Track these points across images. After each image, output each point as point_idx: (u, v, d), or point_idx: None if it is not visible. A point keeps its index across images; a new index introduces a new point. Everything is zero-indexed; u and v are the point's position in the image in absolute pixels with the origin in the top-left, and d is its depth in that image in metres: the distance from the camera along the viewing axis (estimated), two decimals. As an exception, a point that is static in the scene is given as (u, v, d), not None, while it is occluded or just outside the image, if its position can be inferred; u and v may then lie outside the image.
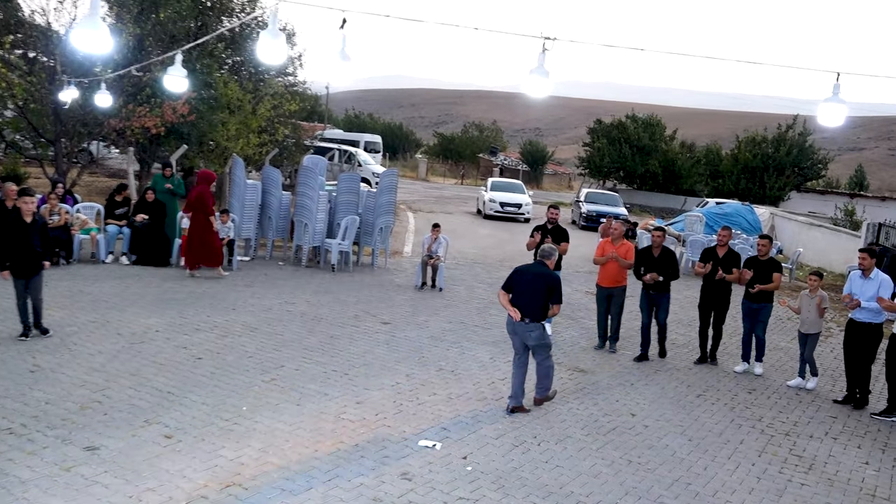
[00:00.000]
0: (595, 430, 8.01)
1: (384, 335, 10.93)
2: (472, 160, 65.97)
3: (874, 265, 9.89)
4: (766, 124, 49.64)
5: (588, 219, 30.24)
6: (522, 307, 8.19)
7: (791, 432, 8.65)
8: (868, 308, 9.73)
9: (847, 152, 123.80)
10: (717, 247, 11.38)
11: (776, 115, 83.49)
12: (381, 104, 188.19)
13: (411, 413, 7.87)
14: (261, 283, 13.69)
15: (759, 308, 10.98)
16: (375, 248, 16.66)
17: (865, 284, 9.84)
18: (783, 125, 44.75)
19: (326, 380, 8.67)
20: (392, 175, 17.04)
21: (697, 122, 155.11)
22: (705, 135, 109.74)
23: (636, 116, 49.30)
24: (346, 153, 36.42)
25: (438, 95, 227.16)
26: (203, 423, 7.08)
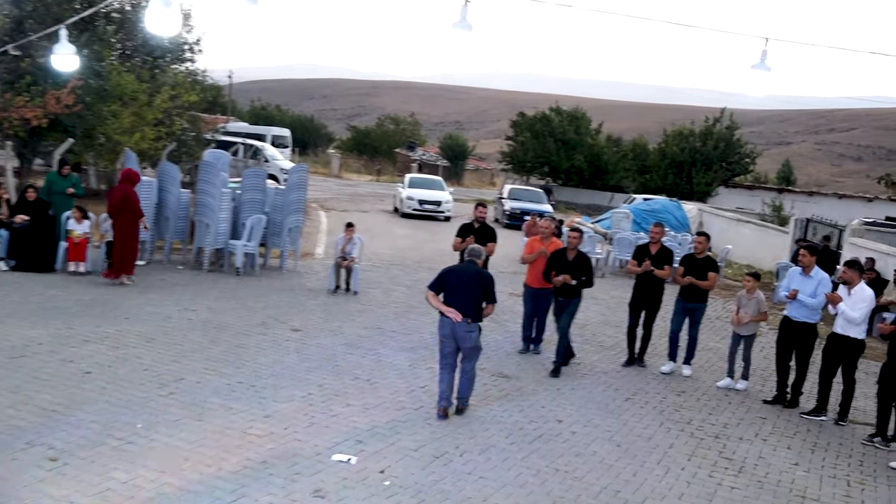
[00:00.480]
0: (520, 437, 8.08)
1: (294, 343, 10.80)
2: (389, 155, 65.95)
3: (814, 262, 10.25)
4: (694, 117, 51.17)
5: (512, 216, 30.56)
6: (461, 308, 8.34)
7: (721, 434, 8.91)
8: (805, 306, 10.09)
9: (774, 146, 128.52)
10: (649, 244, 11.64)
11: (704, 108, 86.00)
12: (290, 95, 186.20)
13: (324, 426, 7.80)
14: (157, 290, 13.36)
15: (695, 308, 11.29)
16: (284, 250, 16.46)
17: (805, 282, 10.20)
18: (710, 118, 46.15)
19: (231, 392, 8.51)
20: (302, 171, 16.87)
21: (624, 115, 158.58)
22: (632, 128, 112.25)
23: (560, 109, 50.14)
24: (251, 148, 35.90)
25: (352, 86, 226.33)
26: (93, 443, 6.86)
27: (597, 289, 17.94)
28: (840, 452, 8.82)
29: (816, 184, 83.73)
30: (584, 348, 12.21)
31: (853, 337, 9.63)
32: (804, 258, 10.25)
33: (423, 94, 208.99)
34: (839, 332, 9.74)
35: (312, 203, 29.86)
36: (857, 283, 9.71)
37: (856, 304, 9.57)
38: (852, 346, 9.68)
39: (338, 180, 51.38)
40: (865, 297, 9.58)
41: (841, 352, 9.77)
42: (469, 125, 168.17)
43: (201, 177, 15.78)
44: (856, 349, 9.70)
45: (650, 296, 11.46)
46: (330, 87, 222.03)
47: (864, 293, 9.62)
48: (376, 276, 16.84)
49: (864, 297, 9.59)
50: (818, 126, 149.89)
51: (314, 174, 46.42)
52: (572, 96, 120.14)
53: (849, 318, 9.58)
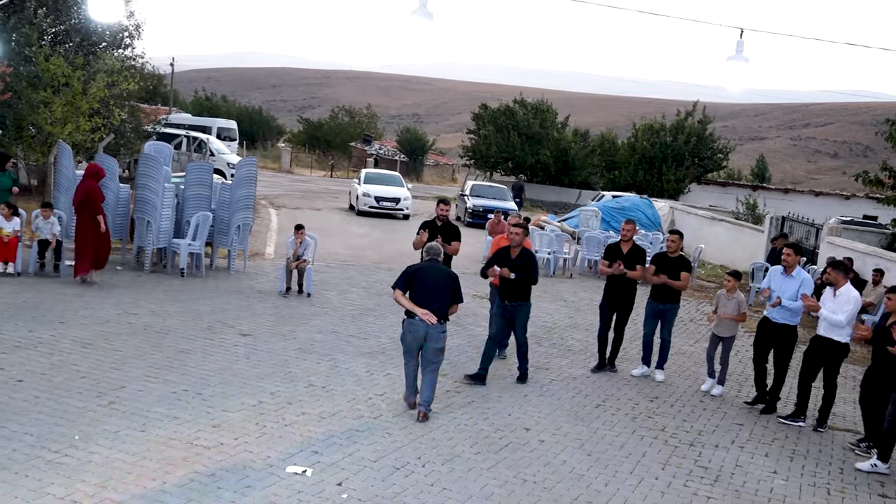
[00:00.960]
0: (486, 447, 8.10)
1: (244, 348, 10.73)
2: (343, 150, 65.74)
3: (797, 262, 10.40)
4: (665, 111, 51.74)
5: (474, 214, 30.65)
6: (433, 309, 8.65)
7: (696, 442, 9.01)
8: (787, 308, 10.25)
9: (748, 142, 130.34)
10: (620, 242, 11.74)
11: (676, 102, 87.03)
12: (237, 85, 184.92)
13: (277, 436, 7.75)
14: (95, 292, 13.18)
15: (667, 309, 11.40)
16: (232, 250, 16.34)
17: (786, 282, 10.34)
18: (682, 111, 46.65)
19: (176, 401, 8.42)
20: (251, 165, 16.75)
21: (591, 108, 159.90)
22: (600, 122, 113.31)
23: (525, 101, 50.33)
24: (195, 140, 35.59)
25: (303, 76, 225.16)
26: (26, 456, 6.74)
27: (565, 290, 18.12)
28: (820, 459, 8.97)
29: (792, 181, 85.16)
30: (551, 352, 12.27)
31: (836, 340, 9.78)
32: (789, 257, 10.38)
33: (380, 85, 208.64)
34: (822, 335, 9.88)
35: (262, 200, 29.68)
36: (842, 284, 9.86)
37: (841, 307, 9.70)
38: (835, 349, 9.82)
39: (289, 176, 51.14)
40: (851, 299, 9.70)
41: (823, 355, 9.92)
42: (428, 118, 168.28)
43: (141, 171, 15.59)
44: (839, 353, 9.85)
45: (622, 297, 11.54)
46: (279, 77, 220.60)
47: (849, 294, 9.75)
48: (331, 277, 16.78)
49: (850, 298, 9.71)
50: (794, 121, 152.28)
51: (263, 169, 46.19)
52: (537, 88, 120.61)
53: (832, 322, 9.73)
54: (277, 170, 54.10)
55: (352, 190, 33.00)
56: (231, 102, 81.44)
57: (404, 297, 8.79)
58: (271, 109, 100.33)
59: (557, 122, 50.39)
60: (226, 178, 28.10)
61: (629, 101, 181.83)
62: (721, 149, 46.99)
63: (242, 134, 56.94)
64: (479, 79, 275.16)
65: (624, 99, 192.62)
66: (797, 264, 10.38)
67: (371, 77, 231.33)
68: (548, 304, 16.25)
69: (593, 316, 15.49)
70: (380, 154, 62.64)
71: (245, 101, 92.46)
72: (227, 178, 29.76)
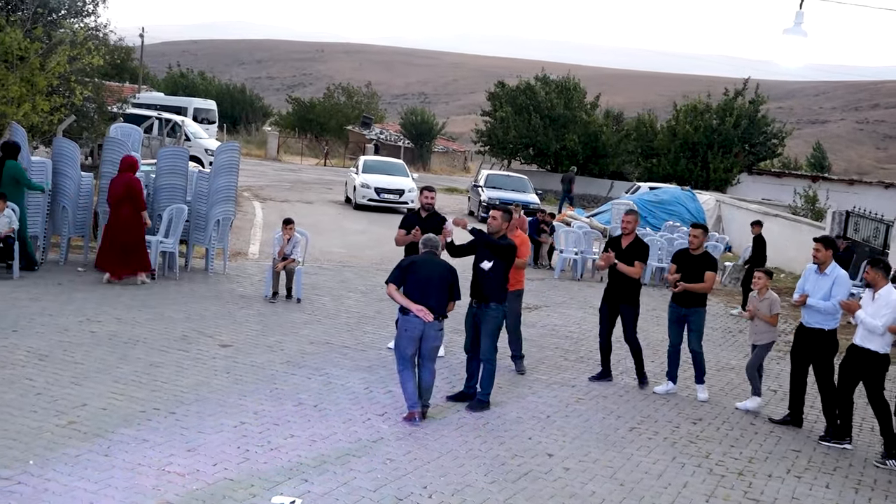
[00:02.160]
0: (502, 475, 8.10)
1: (223, 361, 10.75)
2: (339, 134, 65.94)
3: (831, 258, 10.43)
4: (711, 89, 51.63)
5: (490, 208, 30.56)
6: (432, 306, 9.02)
7: (745, 471, 8.99)
8: (817, 310, 10.29)
9: (807, 125, 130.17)
10: (621, 236, 11.81)
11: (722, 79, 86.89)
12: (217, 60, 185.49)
13: (261, 461, 7.76)
14: (53, 296, 13.23)
15: (689, 313, 11.44)
16: (211, 248, 16.39)
17: (819, 281, 10.39)
18: (731, 90, 46.56)
19: (146, 421, 8.45)
20: (232, 150, 16.80)
21: (624, 86, 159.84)
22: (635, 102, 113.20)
23: (548, 78, 50.33)
24: (169, 123, 35.73)
25: (293, 49, 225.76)
26: (-27, 483, 6.78)
27: (594, 295, 18.08)
28: (890, 492, 8.94)
29: (857, 171, 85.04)
30: (578, 367, 12.28)
31: (873, 350, 9.80)
32: (818, 253, 10.44)
33: (380, 60, 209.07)
34: (858, 344, 9.92)
35: (245, 192, 29.77)
36: (882, 285, 9.87)
37: (879, 311, 9.72)
38: (874, 361, 9.84)
39: (276, 164, 51.29)
40: (891, 303, 9.70)
41: (861, 368, 9.94)
42: (436, 98, 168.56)
43: (106, 157, 15.67)
44: (879, 365, 9.86)
45: (620, 299, 11.63)
46: (265, 51, 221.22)
47: (889, 297, 9.75)
48: (324, 279, 16.81)
49: (890, 301, 9.71)
50: (860, 102, 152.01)
51: (247, 156, 46.34)
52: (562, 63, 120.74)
53: (869, 328, 9.75)
54: (263, 157, 54.28)
55: (348, 180, 33.08)
56: (210, 80, 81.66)
57: (400, 293, 9.05)
58: (256, 88, 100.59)
59: (586, 102, 50.40)
60: (203, 167, 28.16)
61: (668, 79, 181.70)
62: (776, 133, 46.89)
63: (223, 116, 57.13)
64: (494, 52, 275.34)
65: (662, 76, 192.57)
66: (830, 260, 10.40)
67: (371, 51, 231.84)
68: (574, 312, 16.26)
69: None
70: (381, 139, 62.77)
71: (226, 79, 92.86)
72: (204, 166, 29.83)
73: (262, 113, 77.50)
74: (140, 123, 29.12)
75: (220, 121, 53.74)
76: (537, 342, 13.70)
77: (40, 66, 20.40)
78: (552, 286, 19.37)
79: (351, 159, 52.38)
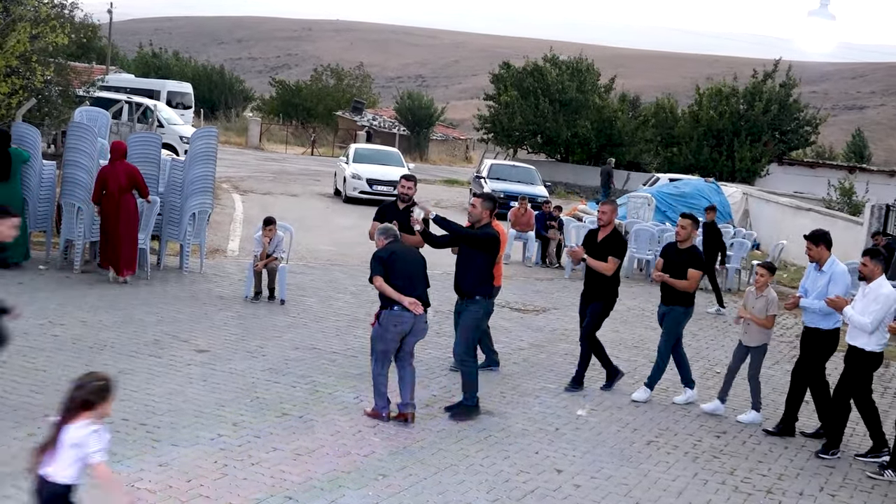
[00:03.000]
0: (506, 493, 8.12)
1: (199, 368, 10.78)
2: (328, 120, 65.92)
3: (826, 253, 10.52)
4: (737, 71, 51.67)
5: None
6: (420, 296, 9.41)
7: (774, 488, 9.01)
8: (811, 309, 10.41)
9: (843, 112, 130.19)
10: (598, 229, 11.91)
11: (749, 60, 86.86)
12: (193, 39, 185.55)
13: (241, 477, 7.79)
14: (13, 296, 13.08)
15: (666, 311, 11.62)
16: (185, 245, 16.39)
17: (817, 278, 10.56)
18: (759, 72, 46.56)
19: (114, 433, 8.38)
20: (209, 136, 16.81)
21: (641, 68, 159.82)
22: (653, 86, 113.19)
23: (558, 59, 50.31)
24: (139, 107, 35.76)
25: (277, 27, 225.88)
26: (-77, 500, 6.79)
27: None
28: (932, 511, 8.95)
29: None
30: (589, 375, 12.27)
31: (860, 347, 9.92)
32: (810, 251, 10.60)
33: (374, 39, 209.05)
34: (848, 341, 10.07)
35: (223, 183, 29.79)
36: (877, 276, 9.96)
37: (868, 306, 9.81)
38: (860, 358, 9.96)
39: (258, 153, 51.32)
40: (880, 297, 9.77)
41: (849, 367, 10.09)
42: (435, 81, 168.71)
43: (70, 143, 15.64)
44: (864, 363, 9.96)
45: (592, 295, 11.74)
46: (246, 29, 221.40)
47: (879, 291, 9.82)
48: (311, 279, 16.82)
49: (880, 296, 9.78)
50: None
51: (226, 144, 46.39)
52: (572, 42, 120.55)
53: (857, 325, 9.85)
54: (243, 145, 54.31)
55: (338, 171, 33.11)
56: (185, 61, 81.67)
57: (388, 286, 9.30)
58: (236, 69, 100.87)
59: (599, 85, 50.38)
60: (178, 155, 28.16)
61: (690, 59, 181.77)
62: (809, 120, 46.94)
63: (200, 100, 57.18)
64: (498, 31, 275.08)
65: (683, 56, 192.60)
66: (826, 256, 10.50)
67: (363, 29, 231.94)
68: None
69: (644, 330, 15.57)
70: (374, 126, 62.76)
71: (203, 59, 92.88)
72: (179, 154, 29.83)
73: (242, 97, 77.48)
74: (108, 107, 29.12)
75: (197, 105, 53.80)
76: (545, 347, 13.73)
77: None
78: (561, 287, 19.39)
79: (340, 148, 52.40)
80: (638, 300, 18.11)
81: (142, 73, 64.96)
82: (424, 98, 66.40)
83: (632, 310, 17.20)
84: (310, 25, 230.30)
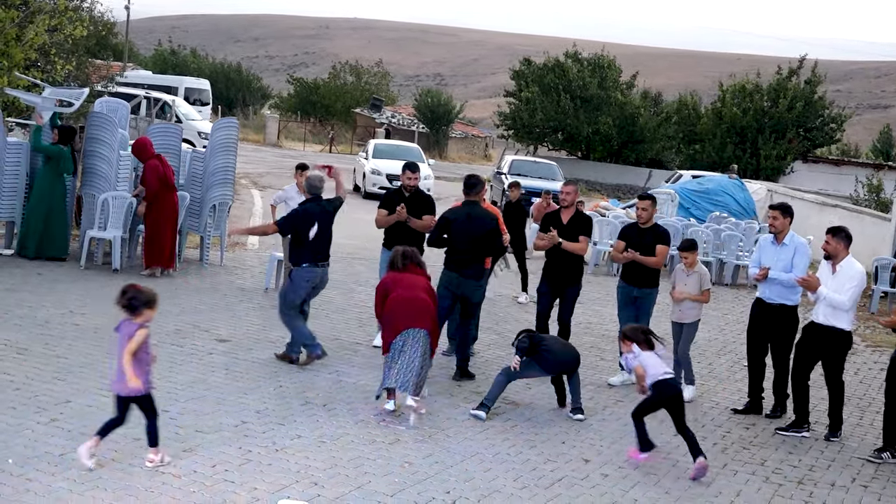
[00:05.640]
0: (533, 481, 8.11)
1: (222, 357, 10.82)
2: (346, 118, 65.97)
3: (788, 226, 10.59)
4: (760, 69, 51.45)
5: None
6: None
7: (805, 479, 8.97)
8: (780, 282, 10.43)
9: (868, 110, 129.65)
10: (560, 210, 11.87)
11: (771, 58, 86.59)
12: (209, 37, 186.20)
13: (266, 463, 7.79)
14: (32, 287, 13.29)
15: (640, 295, 11.67)
16: (206, 237, 16.40)
17: (778, 252, 10.59)
18: (784, 69, 46.36)
19: (137, 420, 8.44)
20: (230, 127, 16.82)
21: (661, 66, 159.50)
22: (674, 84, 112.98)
23: (580, 56, 50.22)
24: (158, 102, 35.87)
25: (294, 25, 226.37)
26: (-53, 483, 6.82)
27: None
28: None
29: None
30: (614, 367, 12.24)
31: (838, 328, 9.94)
32: (776, 221, 10.62)
33: (391, 38, 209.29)
34: (821, 322, 10.05)
35: (242, 179, 29.81)
36: (843, 256, 10.01)
37: (843, 285, 9.87)
38: (837, 339, 10.02)
39: (276, 150, 51.42)
40: (855, 275, 9.86)
41: (822, 347, 10.12)
42: (454, 79, 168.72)
43: (91, 134, 15.64)
44: (842, 343, 10.07)
45: (563, 278, 11.71)
46: (263, 27, 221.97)
47: (852, 270, 9.90)
48: (332, 272, 16.61)
49: (854, 274, 9.86)
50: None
51: (244, 142, 46.38)
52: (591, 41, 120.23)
53: (835, 304, 9.88)
54: (261, 142, 54.39)
55: (357, 167, 33.12)
56: (202, 58, 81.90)
57: None
58: (253, 67, 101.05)
59: (622, 82, 50.27)
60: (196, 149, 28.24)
61: (710, 58, 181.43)
62: (834, 118, 46.69)
63: (217, 98, 57.31)
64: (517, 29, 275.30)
65: (703, 55, 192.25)
66: (788, 228, 10.57)
67: (380, 27, 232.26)
68: (610, 309, 16.14)
69: (667, 324, 15.45)
70: (392, 124, 62.82)
71: (220, 57, 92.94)
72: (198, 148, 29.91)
73: (260, 94, 77.64)
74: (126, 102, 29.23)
75: (214, 103, 53.89)
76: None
77: (17, 37, 20.48)
78: (585, 281, 19.20)
79: (359, 145, 52.46)
80: (662, 294, 17.98)
81: (159, 70, 65.22)
82: (443, 95, 66.40)
83: (657, 304, 17.09)
84: (327, 23, 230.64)
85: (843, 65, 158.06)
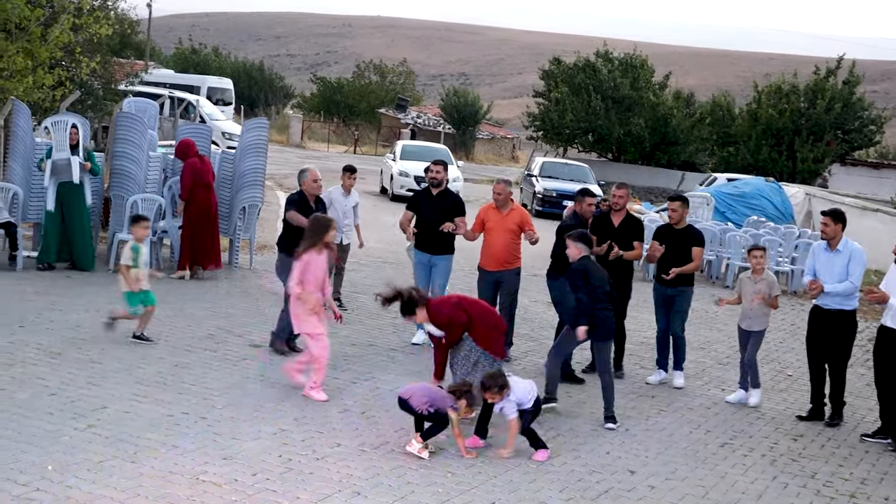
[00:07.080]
0: (579, 492, 8.10)
1: (256, 362, 10.87)
2: (370, 118, 66.00)
3: (840, 232, 10.60)
4: (795, 69, 51.19)
5: (546, 201, 30.64)
6: None
7: (858, 493, 8.92)
8: (836, 293, 10.44)
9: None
10: (610, 213, 11.86)
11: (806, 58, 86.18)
12: (229, 35, 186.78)
13: (307, 472, 7.81)
14: (62, 289, 13.37)
15: (675, 294, 11.63)
16: (236, 239, 16.45)
17: (832, 259, 10.62)
18: (821, 69, 46.08)
19: (174, 426, 8.51)
20: (261, 128, 16.84)
21: (693, 66, 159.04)
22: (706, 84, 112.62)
23: (611, 55, 50.09)
24: (182, 102, 36.02)
25: (316, 23, 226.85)
26: (-14, 490, 6.86)
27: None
28: None
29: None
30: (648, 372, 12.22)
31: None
32: (827, 228, 10.64)
33: (416, 36, 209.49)
34: (890, 326, 10.03)
35: (267, 180, 29.86)
36: (840, 236, 10.40)
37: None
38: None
39: (299, 151, 51.52)
40: (857, 254, 10.27)
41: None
42: (479, 79, 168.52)
43: (119, 134, 15.69)
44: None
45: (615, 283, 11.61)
46: (284, 25, 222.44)
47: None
48: (363, 276, 16.86)
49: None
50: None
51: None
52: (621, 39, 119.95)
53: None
54: (284, 143, 54.44)
55: (384, 168, 33.14)
56: (223, 57, 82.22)
57: None
58: (275, 66, 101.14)
59: (654, 82, 50.10)
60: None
61: (744, 58, 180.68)
62: (873, 119, 46.38)
63: (239, 97, 57.47)
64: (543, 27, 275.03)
65: (737, 54, 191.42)
66: (840, 234, 10.58)
67: (405, 25, 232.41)
68: (647, 315, 16.06)
69: (709, 331, 15.51)
70: (418, 124, 62.79)
71: (242, 56, 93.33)
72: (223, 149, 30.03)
73: (282, 94, 77.84)
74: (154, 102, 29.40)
75: (236, 102, 54.04)
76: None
77: (42, 35, 20.61)
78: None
79: (384, 146, 52.52)
80: (700, 301, 17.87)
81: (180, 69, 65.52)
82: (470, 95, 66.28)
83: (696, 311, 17.01)
84: (350, 22, 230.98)
85: (880, 64, 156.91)
